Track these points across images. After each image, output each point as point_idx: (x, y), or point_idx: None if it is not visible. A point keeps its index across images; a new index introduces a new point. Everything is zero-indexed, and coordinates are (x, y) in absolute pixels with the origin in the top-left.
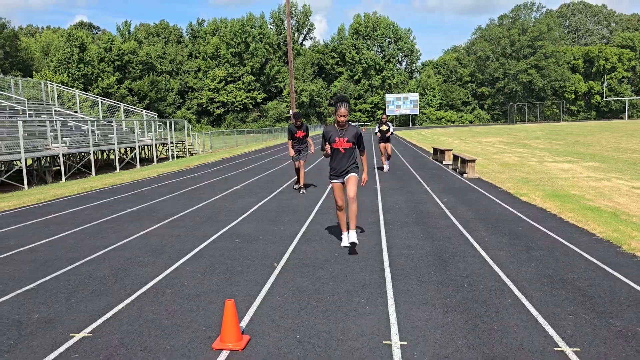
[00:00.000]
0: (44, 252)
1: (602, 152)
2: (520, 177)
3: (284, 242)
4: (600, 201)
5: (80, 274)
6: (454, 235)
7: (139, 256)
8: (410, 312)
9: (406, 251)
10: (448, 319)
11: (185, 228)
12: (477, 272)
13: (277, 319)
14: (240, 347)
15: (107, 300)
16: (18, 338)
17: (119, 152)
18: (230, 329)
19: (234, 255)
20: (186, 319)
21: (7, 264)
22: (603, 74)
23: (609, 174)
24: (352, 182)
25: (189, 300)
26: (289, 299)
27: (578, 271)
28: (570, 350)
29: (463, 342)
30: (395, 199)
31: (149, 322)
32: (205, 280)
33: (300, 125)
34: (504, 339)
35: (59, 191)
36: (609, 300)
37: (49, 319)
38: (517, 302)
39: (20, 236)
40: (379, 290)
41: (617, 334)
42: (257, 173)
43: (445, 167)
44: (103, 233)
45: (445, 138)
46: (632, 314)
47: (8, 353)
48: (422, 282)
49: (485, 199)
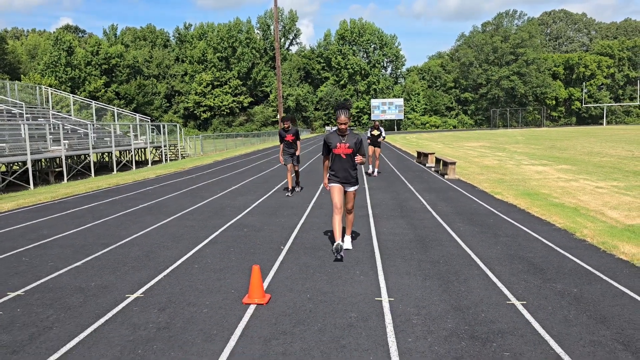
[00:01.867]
0: (78, 239)
1: (575, 155)
2: (496, 178)
3: (286, 231)
4: (565, 199)
5: (117, 255)
6: (433, 226)
7: (162, 242)
8: (396, 279)
9: (392, 237)
10: (426, 283)
11: (196, 220)
12: (452, 252)
13: (289, 285)
14: (265, 302)
15: (147, 273)
16: (85, 298)
17: (116, 154)
18: (256, 287)
19: (244, 241)
20: (216, 285)
21: (50, 248)
22: (583, 80)
23: (577, 176)
24: (350, 196)
25: (215, 272)
26: (297, 271)
27: (535, 251)
28: (518, 303)
29: (437, 298)
30: (382, 197)
31: (186, 287)
32: (224, 258)
33: (289, 128)
34: (469, 296)
35: (67, 190)
36: (555, 271)
37: (105, 286)
38: (482, 273)
39: (50, 227)
40: (371, 265)
41: (556, 293)
42: (252, 175)
43: (428, 169)
44: (124, 224)
45: (429, 142)
46: (571, 280)
47: (81, 307)
48: (405, 260)
49: (463, 197)
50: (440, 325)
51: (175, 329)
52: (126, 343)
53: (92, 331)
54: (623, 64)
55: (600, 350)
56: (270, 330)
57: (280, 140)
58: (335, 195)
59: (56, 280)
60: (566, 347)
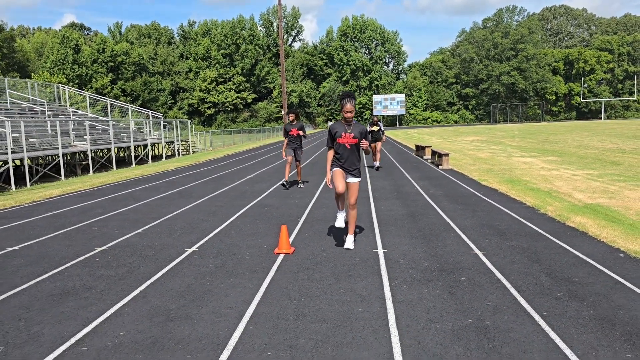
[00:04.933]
0: (130, 215)
1: (564, 148)
2: (486, 168)
3: (300, 208)
4: (542, 184)
5: (167, 225)
6: (423, 205)
7: (200, 217)
8: (389, 239)
9: (388, 213)
10: (412, 242)
11: (224, 201)
12: (436, 223)
13: (307, 242)
14: (291, 252)
15: (196, 236)
16: (155, 251)
17: (133, 149)
18: (284, 242)
19: (267, 215)
20: (251, 243)
21: (110, 221)
22: (582, 75)
23: (560, 166)
24: (354, 189)
25: (248, 236)
26: (312, 235)
27: (502, 222)
28: (480, 252)
29: (419, 250)
30: (381, 184)
31: (229, 245)
32: (254, 227)
33: (294, 120)
34: (443, 249)
35: (99, 180)
36: (514, 234)
37: (166, 244)
38: (456, 235)
39: (102, 207)
40: (370, 231)
41: (510, 247)
42: (263, 166)
43: (425, 161)
44: (163, 205)
45: (429, 137)
46: (524, 239)
47: (155, 256)
48: (398, 227)
49: (453, 183)
50: (419, 264)
51: (228, 267)
52: (196, 275)
53: (169, 269)
54: (622, 59)
55: (529, 277)
56: (297, 267)
57: (284, 134)
58: (338, 178)
59: (127, 240)
60: (506, 276)
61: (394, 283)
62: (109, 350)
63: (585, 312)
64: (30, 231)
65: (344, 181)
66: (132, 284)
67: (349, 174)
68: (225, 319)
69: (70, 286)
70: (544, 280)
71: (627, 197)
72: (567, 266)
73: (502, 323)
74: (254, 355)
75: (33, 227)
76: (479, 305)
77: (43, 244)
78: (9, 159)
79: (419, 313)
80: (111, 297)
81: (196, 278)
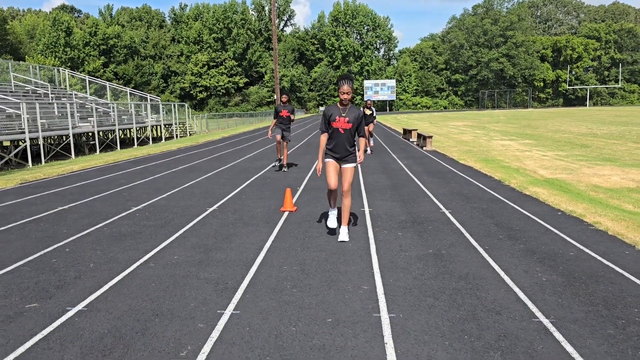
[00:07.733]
0: (151, 185)
1: (542, 133)
2: (466, 150)
3: (298, 181)
4: (513, 163)
5: (185, 192)
6: (405, 178)
7: (212, 186)
8: (374, 202)
9: (374, 184)
10: (392, 204)
11: (230, 175)
12: (414, 191)
13: (307, 204)
14: (294, 210)
15: (213, 199)
16: (182, 210)
17: (135, 131)
18: (289, 201)
19: (270, 185)
20: (260, 204)
21: (135, 190)
22: (570, 63)
23: (534, 148)
24: (348, 174)
25: (257, 199)
26: (311, 199)
27: (470, 190)
28: (446, 211)
29: (397, 209)
30: (369, 162)
31: (242, 205)
32: (260, 193)
33: (286, 103)
34: (417, 208)
35: (111, 158)
36: (478, 199)
37: (189, 205)
38: (430, 200)
39: (123, 179)
40: (358, 196)
41: (472, 207)
42: (259, 147)
43: (411, 143)
44: (177, 178)
45: (417, 122)
46: (485, 203)
47: (183, 212)
48: (382, 194)
49: (434, 162)
50: (396, 218)
51: (245, 219)
52: (220, 224)
53: (198, 220)
54: (609, 46)
55: (482, 226)
56: (301, 219)
57: (275, 115)
58: (330, 172)
59: (155, 203)
60: (464, 225)
61: (376, 230)
62: (169, 266)
63: (516, 247)
64: (70, 196)
65: (336, 177)
66: (172, 229)
67: (342, 161)
68: (250, 249)
69: (124, 231)
70: (492, 229)
71: (583, 173)
72: (513, 220)
73: (454, 252)
74: (274, 269)
75: (71, 193)
76: (439, 242)
77: (87, 205)
78: (26, 138)
79: (393, 246)
80: (159, 237)
81: (221, 226)
